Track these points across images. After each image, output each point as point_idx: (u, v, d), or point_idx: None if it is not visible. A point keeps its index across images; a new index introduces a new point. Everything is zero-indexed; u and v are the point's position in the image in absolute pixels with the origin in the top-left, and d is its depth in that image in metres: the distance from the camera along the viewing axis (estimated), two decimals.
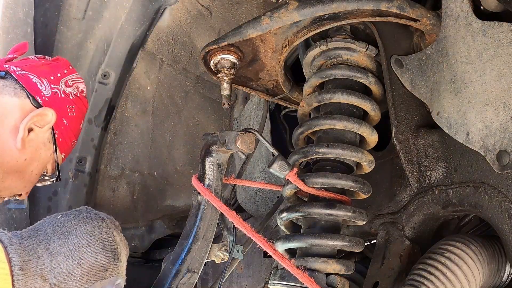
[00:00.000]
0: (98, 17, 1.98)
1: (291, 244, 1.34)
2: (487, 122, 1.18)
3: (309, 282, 1.20)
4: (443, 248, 1.32)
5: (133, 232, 2.54)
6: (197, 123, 2.47)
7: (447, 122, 1.28)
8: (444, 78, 1.29)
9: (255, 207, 2.26)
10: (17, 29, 1.94)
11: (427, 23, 1.31)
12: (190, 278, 1.28)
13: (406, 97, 1.42)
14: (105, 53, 2.03)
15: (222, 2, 1.99)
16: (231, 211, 1.24)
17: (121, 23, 1.95)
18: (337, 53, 1.44)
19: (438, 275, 1.28)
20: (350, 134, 1.41)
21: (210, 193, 1.28)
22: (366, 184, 1.35)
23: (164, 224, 2.60)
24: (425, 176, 1.42)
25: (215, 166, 1.32)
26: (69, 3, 1.98)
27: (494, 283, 1.42)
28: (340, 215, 1.33)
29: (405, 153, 1.42)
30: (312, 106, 1.46)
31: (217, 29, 2.09)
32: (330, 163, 1.40)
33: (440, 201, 1.39)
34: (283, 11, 1.32)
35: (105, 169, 2.35)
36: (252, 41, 1.44)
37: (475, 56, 1.20)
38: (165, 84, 2.30)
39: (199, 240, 1.30)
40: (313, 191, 1.32)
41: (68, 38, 2.03)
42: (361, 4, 1.27)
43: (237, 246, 1.39)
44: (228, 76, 1.42)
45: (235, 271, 2.30)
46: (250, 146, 1.25)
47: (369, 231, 1.55)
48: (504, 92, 1.14)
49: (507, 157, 1.14)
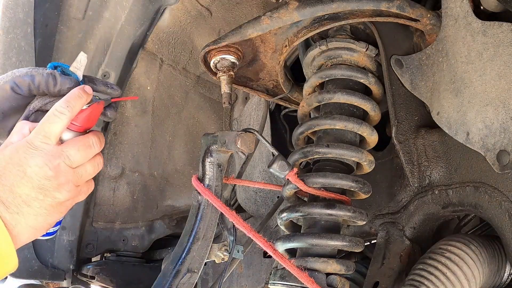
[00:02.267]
0: (98, 17, 1.98)
1: (291, 244, 1.34)
2: (487, 122, 1.18)
3: (309, 282, 1.20)
4: (443, 248, 1.32)
5: (133, 232, 2.54)
6: (197, 123, 2.48)
7: (447, 122, 1.28)
8: (444, 78, 1.29)
9: (255, 207, 2.26)
10: (17, 29, 1.94)
11: (427, 23, 1.31)
12: (190, 278, 1.28)
13: (406, 97, 1.42)
14: (105, 53, 2.03)
15: (222, 2, 1.99)
16: (231, 211, 1.24)
17: (121, 23, 1.95)
18: (337, 53, 1.44)
19: (438, 275, 1.28)
20: (350, 134, 1.41)
21: (210, 193, 1.28)
22: (366, 184, 1.35)
23: (164, 224, 2.60)
24: (425, 176, 1.42)
25: (215, 166, 1.32)
26: (69, 3, 1.97)
27: (494, 283, 1.42)
28: (340, 215, 1.33)
29: (405, 153, 1.43)
30: (312, 106, 1.46)
31: (217, 29, 2.09)
32: (330, 163, 1.40)
33: (440, 201, 1.39)
34: (283, 11, 1.32)
35: (105, 169, 2.35)
36: (252, 41, 1.44)
37: (475, 56, 1.20)
38: (165, 84, 2.30)
39: (199, 240, 1.30)
40: (313, 191, 1.32)
41: (68, 38, 2.03)
42: (361, 4, 1.27)
43: (237, 246, 1.38)
44: (228, 76, 1.42)
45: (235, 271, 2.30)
46: (250, 146, 1.25)
47: (369, 231, 1.55)
48: (504, 92, 1.14)
49: (507, 157, 1.14)
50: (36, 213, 1.00)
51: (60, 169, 1.01)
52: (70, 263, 2.38)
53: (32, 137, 1.01)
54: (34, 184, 0.99)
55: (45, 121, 1.02)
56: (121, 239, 2.52)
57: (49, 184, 1.00)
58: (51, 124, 1.02)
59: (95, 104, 1.09)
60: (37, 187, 0.99)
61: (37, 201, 0.99)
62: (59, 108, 1.03)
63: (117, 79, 2.07)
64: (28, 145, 1.00)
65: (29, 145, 1.00)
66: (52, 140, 1.02)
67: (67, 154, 1.02)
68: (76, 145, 1.04)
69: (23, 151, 1.00)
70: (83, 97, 1.06)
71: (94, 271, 2.43)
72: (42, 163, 0.99)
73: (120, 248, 2.53)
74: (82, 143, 1.05)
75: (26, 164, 0.98)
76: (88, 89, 1.08)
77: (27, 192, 0.98)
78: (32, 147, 1.00)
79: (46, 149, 1.01)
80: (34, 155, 0.99)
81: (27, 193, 0.98)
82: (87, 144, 1.06)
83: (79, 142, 1.05)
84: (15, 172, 0.98)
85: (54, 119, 1.02)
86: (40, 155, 1.00)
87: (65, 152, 1.02)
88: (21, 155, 0.99)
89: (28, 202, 0.98)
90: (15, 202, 0.97)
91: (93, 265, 2.46)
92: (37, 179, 0.99)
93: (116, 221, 2.47)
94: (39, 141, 1.01)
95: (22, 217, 0.98)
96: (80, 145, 1.04)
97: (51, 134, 1.02)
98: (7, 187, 0.97)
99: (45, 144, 1.01)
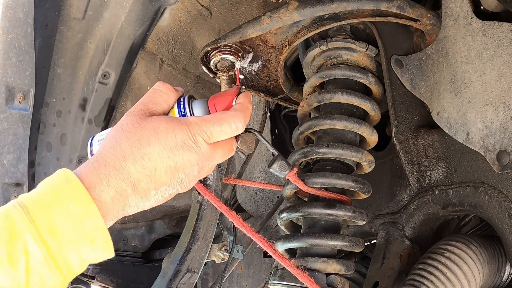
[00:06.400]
0: (98, 17, 1.98)
1: (291, 244, 1.34)
2: (487, 122, 1.17)
3: (309, 282, 1.20)
4: (443, 248, 1.32)
5: (133, 232, 2.54)
6: None
7: (447, 122, 1.28)
8: (444, 78, 1.29)
9: (255, 207, 2.26)
10: (17, 29, 1.94)
11: (427, 23, 1.31)
12: (190, 278, 1.28)
13: (406, 97, 1.42)
14: (105, 53, 2.03)
15: (222, 2, 1.98)
16: (231, 211, 1.24)
17: (121, 23, 1.95)
18: (337, 53, 1.44)
19: (438, 275, 1.28)
20: (350, 134, 1.41)
21: (210, 193, 1.27)
22: (366, 184, 1.35)
23: (164, 224, 2.60)
24: (425, 176, 1.42)
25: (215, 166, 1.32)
26: (69, 3, 1.97)
27: (494, 283, 1.42)
28: (340, 215, 1.33)
29: (405, 153, 1.43)
30: (312, 106, 1.46)
31: (217, 29, 2.09)
32: (330, 163, 1.40)
33: (440, 201, 1.39)
34: (283, 11, 1.32)
35: None
36: (252, 41, 1.44)
37: (475, 56, 1.20)
38: None
39: (199, 240, 1.30)
40: (313, 191, 1.32)
41: (68, 38, 2.03)
42: (361, 4, 1.27)
43: (237, 246, 1.39)
44: (228, 76, 1.42)
45: (235, 271, 2.30)
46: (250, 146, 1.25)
47: (369, 231, 1.55)
48: (504, 92, 1.14)
49: (507, 157, 1.14)
50: (155, 200, 0.96)
51: (204, 171, 0.99)
52: None
53: (196, 131, 0.96)
54: (179, 180, 0.96)
55: (217, 123, 0.97)
56: (121, 239, 2.52)
57: (187, 181, 0.97)
58: (220, 132, 0.98)
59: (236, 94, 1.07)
60: (176, 181, 0.96)
61: (166, 192, 0.96)
62: (238, 123, 0.99)
63: (117, 79, 2.07)
64: (189, 136, 0.95)
65: (189, 137, 0.95)
66: (212, 141, 0.98)
67: (214, 156, 0.99)
68: (224, 149, 1.01)
69: (180, 139, 0.94)
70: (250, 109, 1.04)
71: (94, 271, 2.43)
72: (195, 162, 0.95)
73: (120, 248, 2.53)
74: (228, 148, 1.02)
75: (179, 155, 0.94)
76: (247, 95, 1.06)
77: (164, 181, 0.94)
78: (192, 140, 0.95)
79: (203, 149, 0.96)
80: (191, 150, 0.95)
81: (165, 183, 0.94)
82: (231, 149, 1.04)
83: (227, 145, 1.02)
84: (164, 157, 0.93)
85: (226, 129, 0.98)
86: (197, 152, 0.95)
87: (214, 155, 0.99)
88: (177, 142, 0.94)
89: (158, 190, 0.95)
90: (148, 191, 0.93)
91: (93, 265, 2.46)
92: (182, 174, 0.95)
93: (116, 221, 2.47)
94: (202, 138, 0.96)
95: (144, 202, 0.94)
96: (226, 150, 1.02)
97: (215, 139, 0.98)
98: (147, 175, 0.92)
99: (205, 144, 0.97)
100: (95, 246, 0.88)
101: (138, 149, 0.93)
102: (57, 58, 2.04)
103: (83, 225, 0.86)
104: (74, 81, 2.10)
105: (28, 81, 1.99)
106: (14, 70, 1.97)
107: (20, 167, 2.06)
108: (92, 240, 0.87)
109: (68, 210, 0.85)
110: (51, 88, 2.10)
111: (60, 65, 2.08)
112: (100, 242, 0.88)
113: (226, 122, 0.99)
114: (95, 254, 0.88)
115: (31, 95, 2.02)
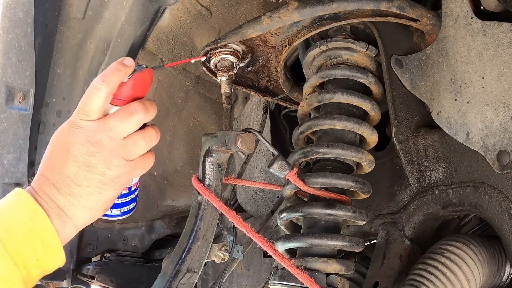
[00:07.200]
0: (98, 17, 1.98)
1: (291, 244, 1.34)
2: (487, 122, 1.18)
3: (309, 282, 1.20)
4: (443, 248, 1.32)
5: (133, 232, 2.55)
6: (197, 123, 2.47)
7: (447, 122, 1.28)
8: (444, 78, 1.29)
9: (255, 207, 2.26)
10: (17, 29, 1.94)
11: (427, 23, 1.31)
12: (190, 278, 1.28)
13: (406, 97, 1.42)
14: (105, 53, 2.03)
15: (222, 2, 1.98)
16: (231, 211, 1.24)
17: (121, 23, 1.95)
18: (337, 53, 1.44)
19: (438, 275, 1.28)
20: (350, 134, 1.41)
21: (210, 193, 1.28)
22: (366, 184, 1.35)
23: (164, 224, 2.60)
24: (425, 176, 1.42)
25: (215, 166, 1.32)
26: (69, 3, 1.97)
27: (494, 283, 1.42)
28: (340, 215, 1.33)
29: (405, 153, 1.43)
30: (312, 106, 1.46)
31: (217, 29, 2.09)
32: (330, 163, 1.40)
33: (440, 201, 1.39)
34: (283, 11, 1.32)
35: None
36: (252, 41, 1.44)
37: (475, 56, 1.20)
38: (165, 84, 2.30)
39: (199, 240, 1.30)
40: (313, 191, 1.32)
41: (68, 38, 2.03)
42: (361, 4, 1.27)
43: (237, 246, 1.38)
44: (228, 76, 1.42)
45: (235, 271, 2.30)
46: (250, 146, 1.25)
47: (369, 231, 1.55)
48: (504, 92, 1.14)
49: (507, 157, 1.14)
50: (88, 192, 0.98)
51: (103, 143, 0.98)
52: (70, 263, 2.38)
53: (74, 117, 0.99)
54: (80, 162, 0.96)
55: (83, 99, 1.00)
56: (121, 239, 2.52)
57: (95, 161, 0.97)
58: (89, 101, 0.99)
59: (138, 74, 1.04)
60: (84, 165, 0.97)
61: (86, 180, 0.97)
62: (95, 84, 1.00)
63: None
64: (70, 125, 0.99)
65: (71, 125, 0.99)
66: (92, 116, 0.99)
67: (109, 126, 0.99)
68: (117, 115, 1.00)
69: (67, 131, 0.98)
70: (121, 70, 1.03)
71: (94, 271, 2.43)
72: (84, 140, 0.97)
73: (120, 248, 2.53)
74: (122, 111, 1.01)
75: (69, 143, 0.97)
76: (128, 61, 1.04)
77: (75, 172, 0.96)
78: (74, 126, 0.98)
79: (87, 126, 0.98)
80: (76, 133, 0.97)
81: (74, 172, 0.96)
82: (128, 111, 1.01)
83: (119, 111, 1.01)
84: (61, 153, 0.97)
85: (91, 96, 0.99)
86: (82, 132, 0.97)
87: (106, 124, 0.99)
88: (65, 135, 0.98)
89: (77, 182, 0.96)
90: (65, 183, 0.96)
91: (93, 265, 2.46)
92: (82, 157, 0.96)
93: (116, 221, 2.47)
94: (79, 119, 0.99)
95: (75, 198, 0.97)
96: (121, 114, 1.01)
97: (91, 111, 0.99)
98: (56, 169, 0.96)
99: (86, 121, 0.98)
100: (47, 246, 0.94)
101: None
102: (57, 58, 2.04)
103: (33, 223, 0.93)
104: (74, 81, 2.10)
105: (28, 81, 2.00)
106: (14, 70, 1.97)
107: (20, 167, 2.07)
108: (43, 239, 0.93)
109: (18, 214, 0.93)
110: (51, 88, 2.10)
111: (60, 65, 2.08)
112: (50, 242, 0.94)
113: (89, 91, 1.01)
114: (46, 256, 0.94)
115: (31, 95, 2.02)
